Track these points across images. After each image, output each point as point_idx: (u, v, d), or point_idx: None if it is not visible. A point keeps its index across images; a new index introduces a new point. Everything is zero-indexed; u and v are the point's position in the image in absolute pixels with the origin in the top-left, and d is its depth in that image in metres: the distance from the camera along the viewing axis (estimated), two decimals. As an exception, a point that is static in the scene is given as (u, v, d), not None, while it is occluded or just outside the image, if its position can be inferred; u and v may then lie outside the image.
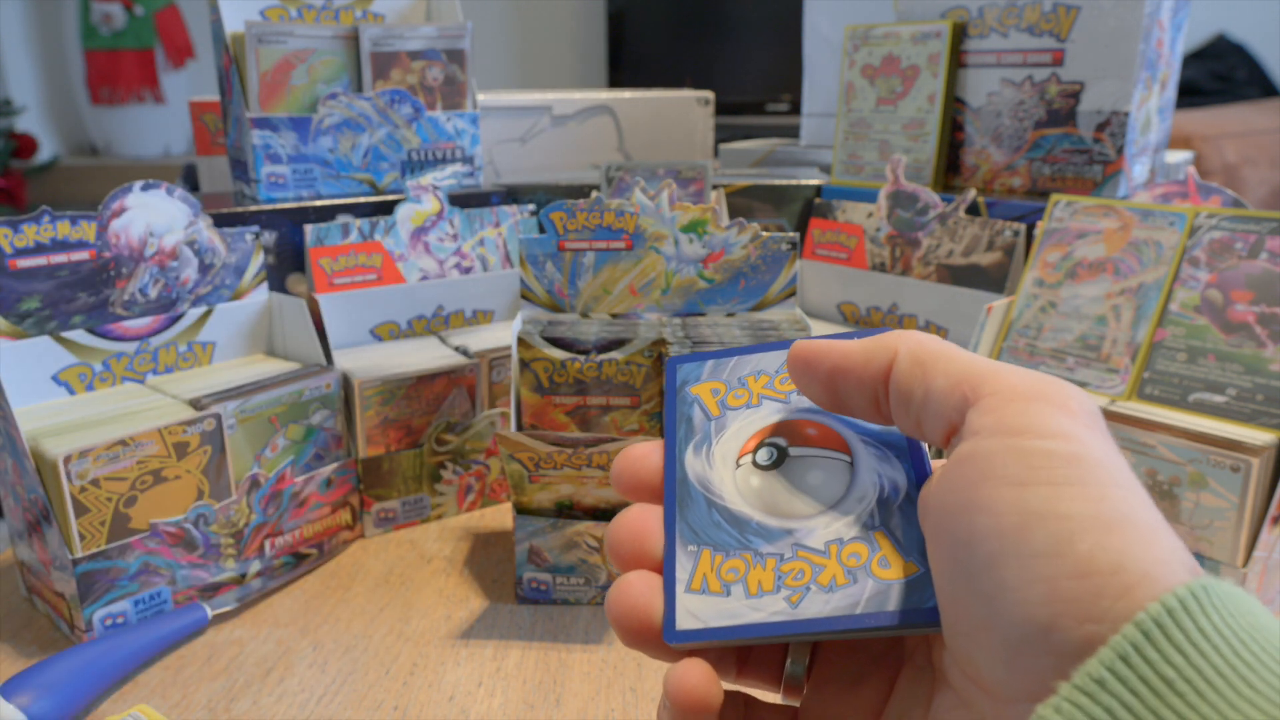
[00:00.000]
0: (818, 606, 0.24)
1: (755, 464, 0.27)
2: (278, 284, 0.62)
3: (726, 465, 0.27)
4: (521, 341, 0.51)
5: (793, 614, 0.24)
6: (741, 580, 0.25)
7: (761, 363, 0.30)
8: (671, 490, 0.27)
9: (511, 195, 0.71)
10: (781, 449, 0.27)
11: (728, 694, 0.26)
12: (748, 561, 0.25)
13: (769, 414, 0.28)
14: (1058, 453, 0.20)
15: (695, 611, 0.24)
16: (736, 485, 0.27)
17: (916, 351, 0.23)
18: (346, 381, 0.55)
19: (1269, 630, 0.18)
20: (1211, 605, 0.17)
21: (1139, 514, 0.19)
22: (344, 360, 0.58)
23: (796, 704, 0.26)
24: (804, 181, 0.75)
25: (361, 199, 0.65)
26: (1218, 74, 2.33)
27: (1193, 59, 2.37)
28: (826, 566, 0.24)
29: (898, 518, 0.25)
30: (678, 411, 0.29)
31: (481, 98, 0.84)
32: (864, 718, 0.25)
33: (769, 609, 0.24)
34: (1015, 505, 0.19)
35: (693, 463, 0.28)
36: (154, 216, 0.52)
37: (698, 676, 0.23)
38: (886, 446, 0.26)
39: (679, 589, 0.25)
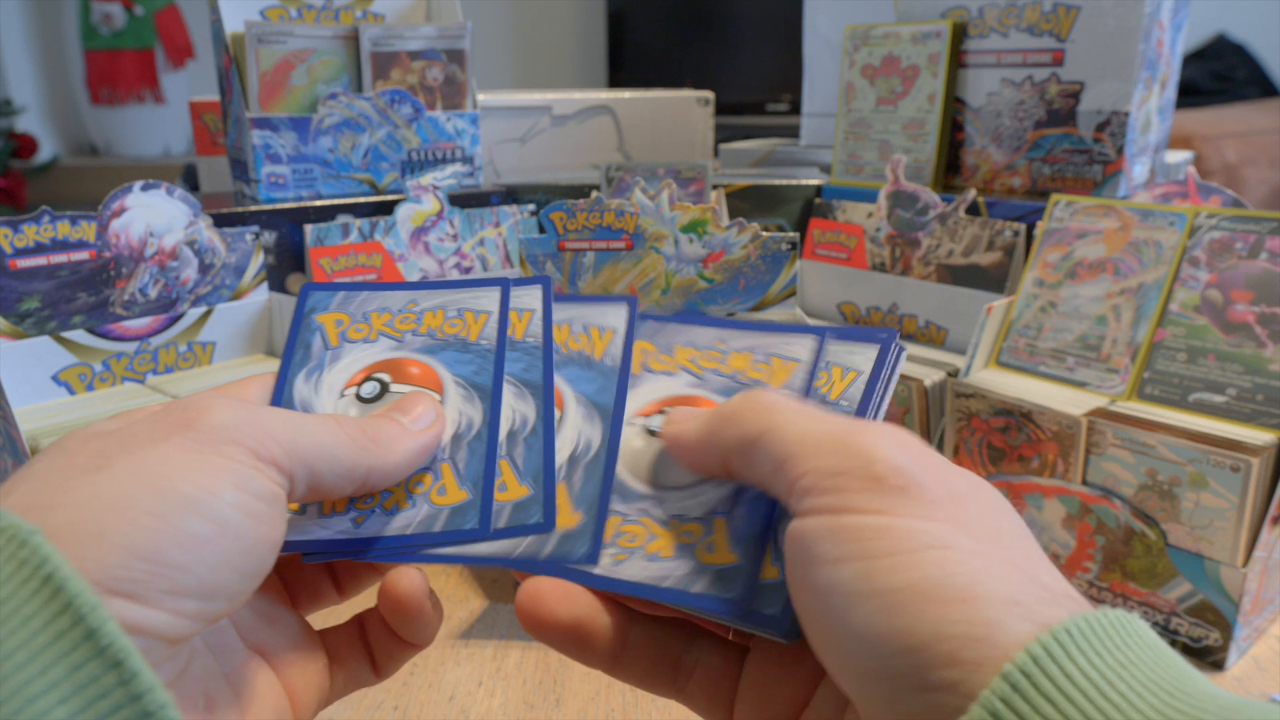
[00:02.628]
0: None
1: (359, 397, 0.28)
2: (278, 284, 0.62)
3: (331, 395, 0.29)
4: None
5: (354, 532, 0.26)
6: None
7: (388, 300, 0.31)
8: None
9: (511, 195, 0.71)
10: (384, 384, 0.29)
11: (673, 623, 0.27)
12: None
13: (382, 350, 0.30)
14: (867, 527, 0.20)
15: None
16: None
17: (742, 439, 0.24)
18: (346, 381, 0.55)
19: (1137, 668, 0.17)
20: (1062, 664, 0.17)
21: (958, 573, 0.19)
22: (344, 360, 0.58)
23: (746, 645, 0.27)
24: (804, 181, 0.75)
25: (361, 199, 0.65)
26: (1218, 74, 2.33)
27: (1193, 59, 2.37)
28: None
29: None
30: (298, 337, 0.30)
31: (481, 98, 0.84)
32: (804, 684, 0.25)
33: (334, 527, 0.26)
34: (835, 586, 0.19)
35: (301, 388, 0.29)
36: (154, 216, 0.52)
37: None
38: (475, 390, 0.29)
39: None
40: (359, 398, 0.28)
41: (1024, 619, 0.18)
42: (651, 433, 0.28)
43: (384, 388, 0.28)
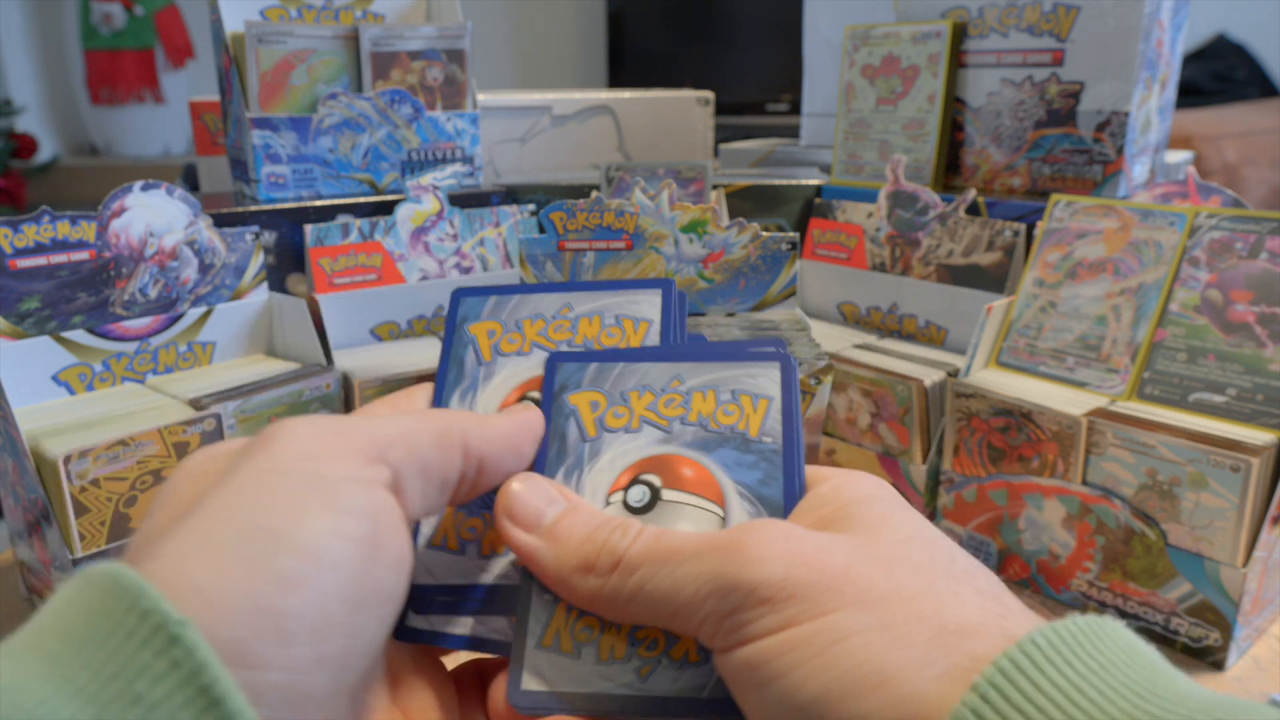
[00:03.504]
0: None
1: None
2: (278, 284, 0.62)
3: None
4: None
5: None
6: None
7: (541, 305, 0.28)
8: None
9: (511, 195, 0.71)
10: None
11: None
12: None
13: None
14: (772, 648, 0.20)
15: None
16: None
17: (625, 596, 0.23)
18: (346, 381, 0.55)
19: (1107, 671, 0.17)
20: (1019, 685, 0.17)
21: (866, 659, 0.19)
22: (344, 360, 0.58)
23: None
24: (804, 181, 0.75)
25: (361, 199, 0.65)
26: (1218, 74, 2.33)
27: (1193, 59, 2.37)
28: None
29: None
30: (452, 352, 0.28)
31: (481, 98, 0.84)
32: None
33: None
34: (766, 713, 0.20)
35: (457, 409, 0.27)
36: (154, 216, 0.52)
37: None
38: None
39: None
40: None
41: (940, 678, 0.18)
42: (633, 508, 0.25)
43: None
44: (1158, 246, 0.51)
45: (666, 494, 0.25)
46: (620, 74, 2.65)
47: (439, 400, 0.27)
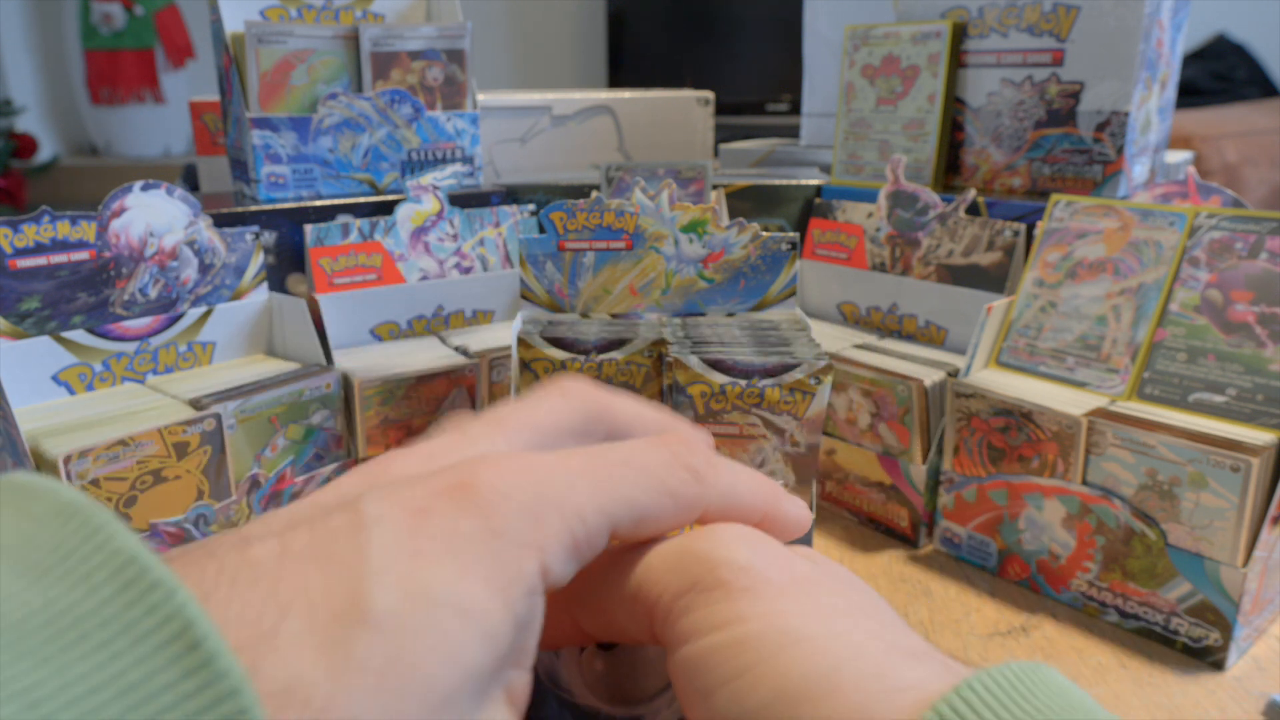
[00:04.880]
0: None
1: (598, 646, 0.24)
2: (278, 284, 0.62)
3: (572, 651, 0.25)
4: (521, 341, 0.51)
5: None
6: None
7: None
8: None
9: (511, 195, 0.71)
10: None
11: None
12: None
13: None
14: (724, 647, 0.19)
15: None
16: (582, 674, 0.24)
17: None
18: (346, 381, 0.55)
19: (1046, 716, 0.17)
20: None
21: (820, 665, 0.18)
22: (344, 360, 0.58)
23: None
24: (804, 181, 0.75)
25: (361, 199, 0.65)
26: (1218, 74, 2.33)
27: (1193, 59, 2.37)
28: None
29: None
30: None
31: (481, 98, 0.84)
32: None
33: None
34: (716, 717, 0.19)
35: (541, 655, 0.25)
36: (154, 216, 0.52)
37: None
38: None
39: None
40: (598, 646, 0.25)
41: (893, 690, 0.18)
42: (604, 647, 0.24)
43: None
44: (1158, 246, 0.51)
45: None
46: (620, 74, 2.65)
47: None
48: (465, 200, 0.67)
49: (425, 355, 0.60)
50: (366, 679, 0.14)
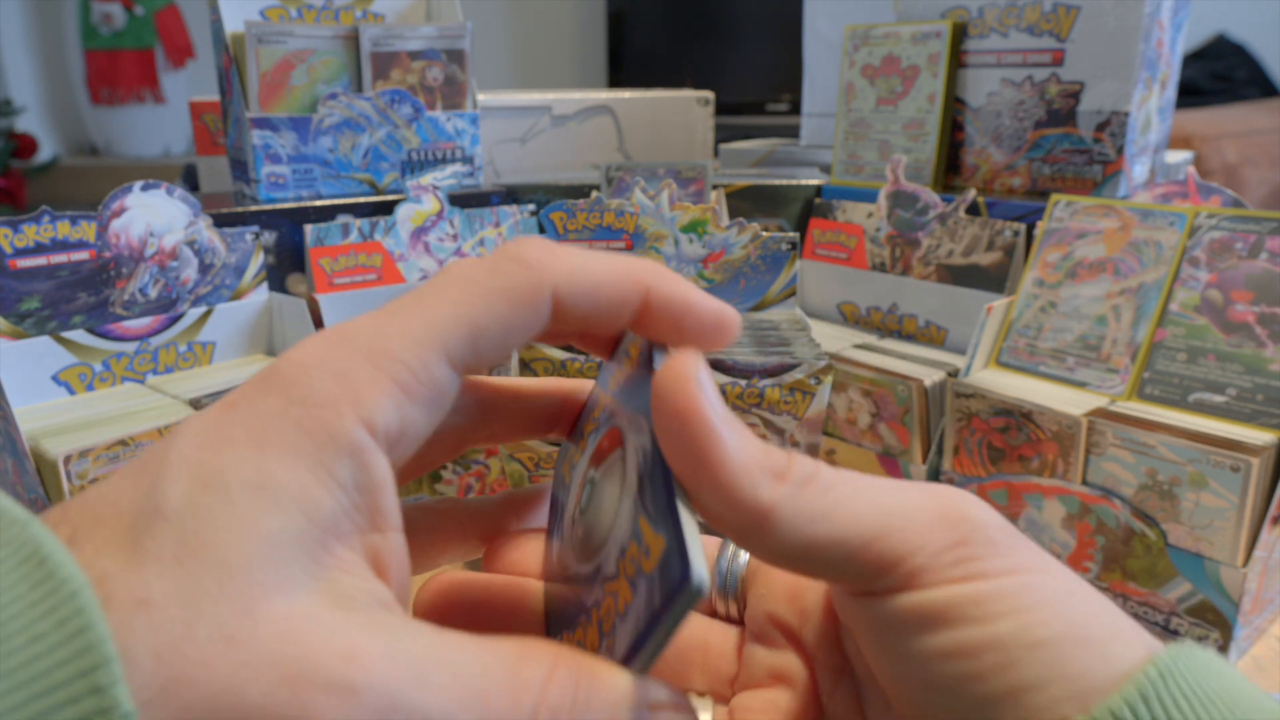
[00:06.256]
0: (625, 642, 0.19)
1: (580, 512, 0.23)
2: (278, 284, 0.62)
3: (570, 533, 0.24)
4: (521, 341, 0.51)
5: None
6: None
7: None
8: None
9: (511, 195, 0.71)
10: (592, 482, 0.23)
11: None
12: (583, 628, 0.21)
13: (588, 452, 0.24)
14: (1011, 588, 0.19)
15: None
16: (573, 545, 0.23)
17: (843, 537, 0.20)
18: (346, 381, 0.55)
19: (1240, 693, 0.18)
20: (1180, 680, 0.18)
21: (1086, 614, 0.19)
22: (344, 360, 0.58)
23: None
24: (804, 181, 0.75)
25: (361, 199, 0.65)
26: (1218, 74, 2.33)
27: (1193, 59, 2.37)
28: (619, 590, 0.20)
29: (649, 488, 0.20)
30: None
31: (481, 98, 0.84)
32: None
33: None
34: (993, 644, 0.19)
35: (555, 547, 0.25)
36: (154, 216, 0.52)
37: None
38: (637, 402, 0.22)
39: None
40: (580, 512, 0.23)
41: (1121, 655, 0.18)
42: (584, 511, 0.22)
43: (592, 485, 0.23)
44: (1158, 246, 0.51)
45: (594, 474, 0.23)
46: (620, 74, 2.65)
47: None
48: (465, 200, 0.67)
49: (425, 355, 0.60)
50: (160, 564, 0.15)
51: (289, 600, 0.16)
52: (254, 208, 0.61)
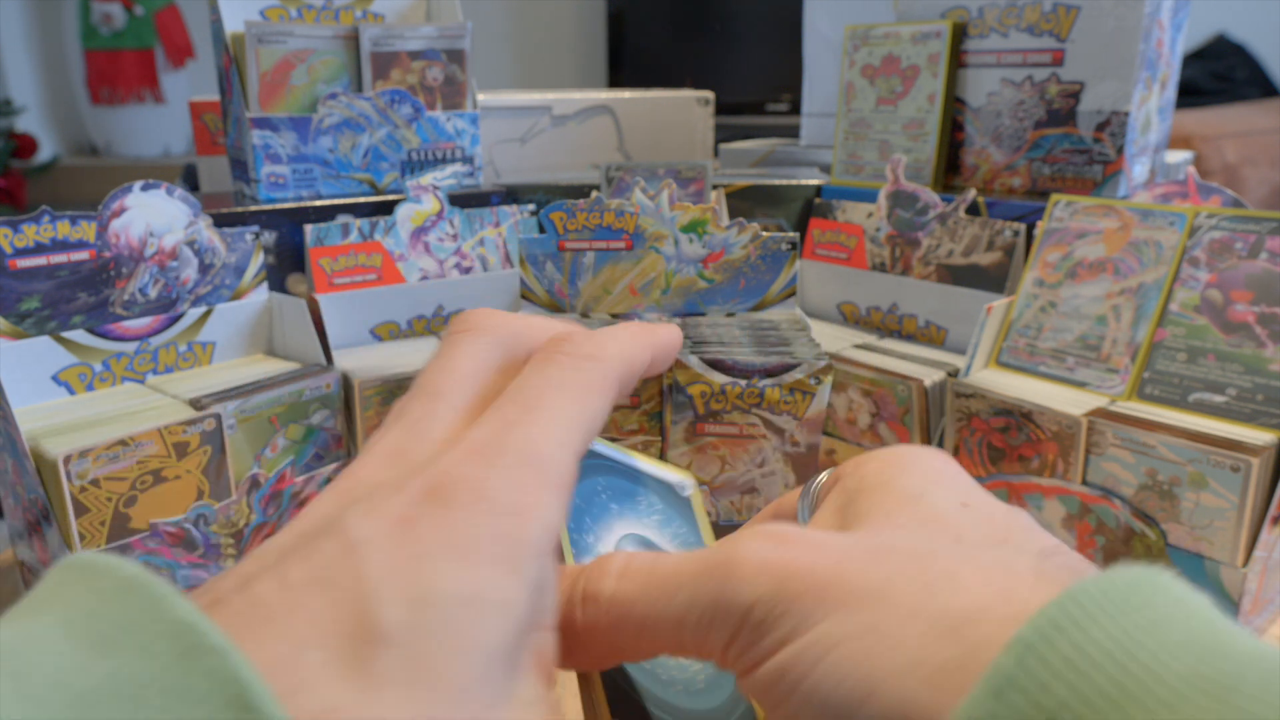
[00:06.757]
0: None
1: None
2: (278, 284, 0.62)
3: None
4: (521, 341, 0.51)
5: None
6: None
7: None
8: None
9: (511, 195, 0.71)
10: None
11: None
12: None
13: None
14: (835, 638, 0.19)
15: None
16: None
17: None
18: (346, 381, 0.55)
19: (1164, 628, 0.16)
20: (1072, 636, 0.15)
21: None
22: (344, 360, 0.58)
23: None
24: (804, 181, 0.75)
25: (361, 199, 0.65)
26: (1218, 74, 2.33)
27: (1193, 59, 2.37)
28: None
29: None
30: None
31: (481, 98, 0.84)
32: None
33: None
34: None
35: None
36: (154, 216, 0.52)
37: None
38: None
39: None
40: None
41: (930, 679, 0.17)
42: None
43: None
44: (1158, 246, 0.51)
45: None
46: (620, 74, 2.65)
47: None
48: (465, 200, 0.67)
49: (425, 355, 0.60)
50: (394, 690, 0.15)
51: (499, 715, 0.16)
52: (254, 208, 0.61)
